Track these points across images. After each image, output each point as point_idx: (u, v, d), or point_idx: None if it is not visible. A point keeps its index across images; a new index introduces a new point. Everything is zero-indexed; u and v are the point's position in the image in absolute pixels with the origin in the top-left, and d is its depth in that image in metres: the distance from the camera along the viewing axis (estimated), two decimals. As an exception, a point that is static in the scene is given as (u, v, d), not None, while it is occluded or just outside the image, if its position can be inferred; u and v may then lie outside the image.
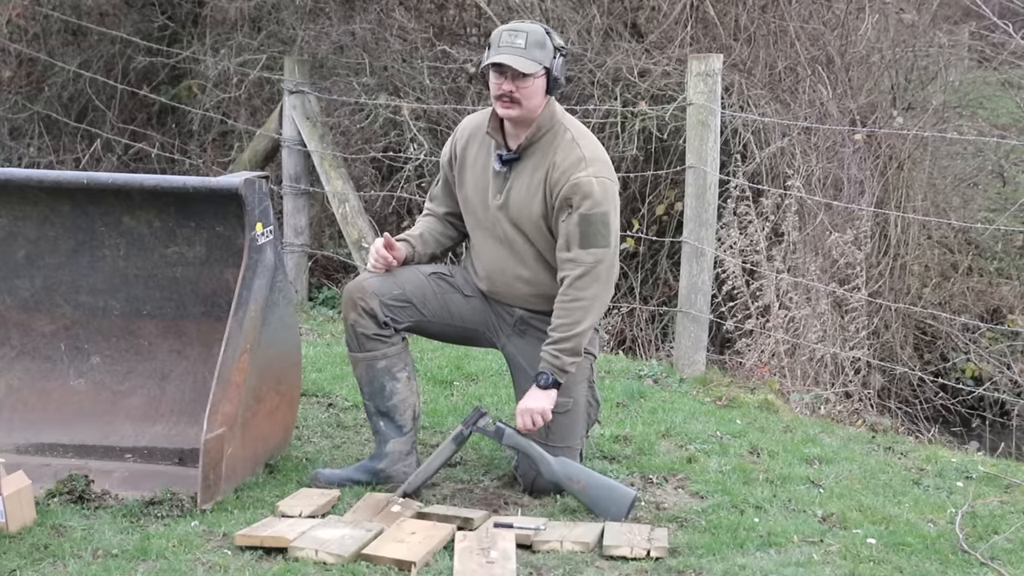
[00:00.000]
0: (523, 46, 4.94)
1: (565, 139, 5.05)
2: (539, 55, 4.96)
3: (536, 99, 5.02)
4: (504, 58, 4.95)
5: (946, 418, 8.61)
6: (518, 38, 4.95)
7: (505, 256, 5.16)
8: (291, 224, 9.24)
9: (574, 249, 4.98)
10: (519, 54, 4.94)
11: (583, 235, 4.97)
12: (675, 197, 8.61)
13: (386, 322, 5.13)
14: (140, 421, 5.44)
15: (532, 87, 4.98)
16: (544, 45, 4.97)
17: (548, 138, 5.07)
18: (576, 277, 4.98)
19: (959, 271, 9.54)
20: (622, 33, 9.24)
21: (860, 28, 9.28)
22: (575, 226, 4.97)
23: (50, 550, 4.41)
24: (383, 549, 4.46)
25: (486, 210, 5.17)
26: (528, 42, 4.95)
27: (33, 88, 11.48)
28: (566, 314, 5.00)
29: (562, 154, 5.02)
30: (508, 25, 5.04)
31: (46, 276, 5.48)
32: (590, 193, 4.96)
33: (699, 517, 4.95)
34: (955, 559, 4.64)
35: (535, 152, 5.07)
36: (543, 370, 5.02)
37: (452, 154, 5.31)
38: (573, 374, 5.15)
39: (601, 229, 4.98)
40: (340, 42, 9.79)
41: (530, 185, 5.06)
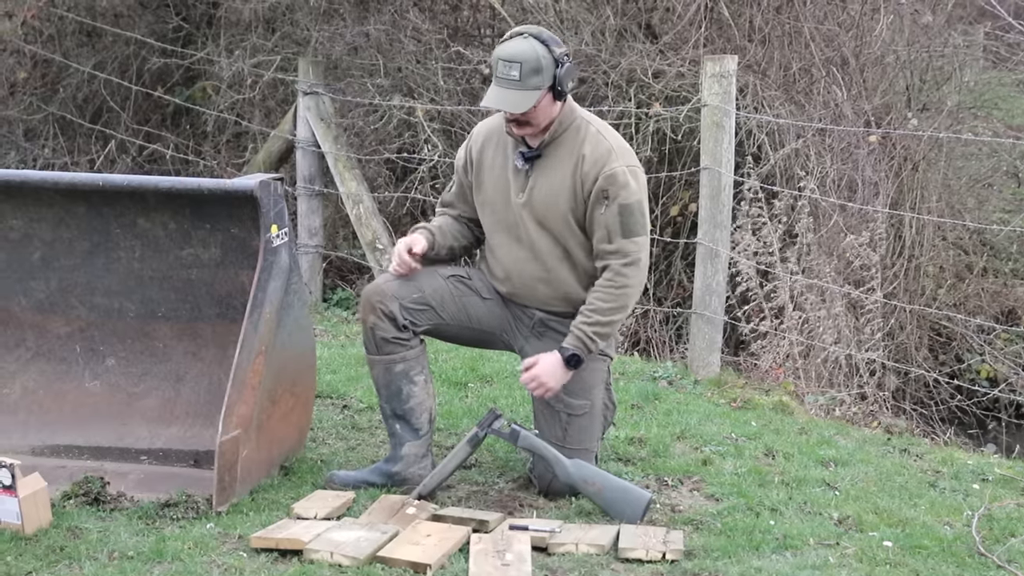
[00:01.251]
0: (518, 77, 4.88)
1: (590, 132, 5.06)
2: (536, 81, 4.90)
3: (545, 115, 5.01)
4: (495, 100, 4.93)
5: (961, 420, 8.59)
6: (512, 69, 4.88)
7: (526, 257, 5.15)
8: (305, 225, 9.24)
9: (617, 240, 4.99)
10: (514, 88, 4.89)
11: (624, 225, 4.98)
12: (689, 198, 8.60)
13: (405, 325, 5.12)
14: (155, 423, 5.45)
15: (537, 110, 4.96)
16: (540, 69, 4.89)
17: (571, 133, 5.06)
18: (623, 265, 5.00)
19: (974, 272, 9.52)
20: (636, 34, 9.23)
21: (875, 29, 9.26)
22: (615, 216, 4.98)
23: (66, 552, 4.42)
24: (398, 551, 4.46)
25: (508, 210, 5.15)
26: (523, 72, 4.88)
27: (48, 89, 11.50)
28: (611, 298, 5.00)
29: (590, 146, 5.02)
30: (504, 50, 4.94)
31: (61, 278, 5.49)
32: (626, 183, 4.98)
33: (715, 519, 4.94)
34: (972, 562, 4.63)
35: (558, 148, 5.06)
36: (571, 345, 5.00)
37: (468, 159, 5.28)
38: (591, 376, 5.17)
39: (640, 218, 5.01)
40: (354, 43, 9.80)
41: (555, 180, 5.05)
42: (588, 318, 5.00)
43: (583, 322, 5.00)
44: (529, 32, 4.97)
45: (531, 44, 4.92)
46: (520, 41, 4.95)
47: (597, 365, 5.23)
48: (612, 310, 5.01)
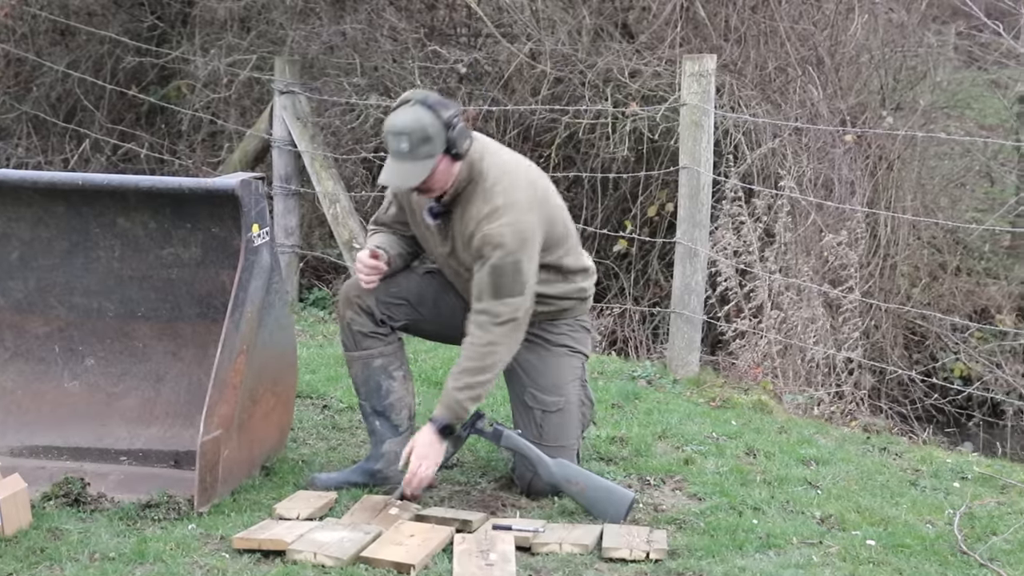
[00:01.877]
0: (407, 150, 4.80)
1: (482, 189, 4.94)
2: (427, 149, 4.80)
3: (444, 178, 4.91)
4: (389, 176, 4.86)
5: (937, 418, 8.63)
6: (402, 142, 4.80)
7: (463, 287, 5.13)
8: (281, 225, 9.21)
9: (486, 300, 4.90)
10: (405, 161, 4.81)
11: (494, 286, 4.88)
12: (666, 198, 8.62)
13: (382, 319, 5.13)
14: (135, 423, 5.42)
15: (434, 177, 4.88)
16: (429, 138, 4.80)
17: (470, 189, 4.96)
18: (492, 324, 4.89)
19: (948, 271, 9.57)
20: (613, 34, 9.24)
21: (850, 28, 9.30)
22: (487, 276, 4.88)
23: (46, 553, 4.39)
24: (382, 552, 4.45)
25: (435, 253, 5.16)
26: (412, 143, 4.79)
27: (21, 88, 11.43)
28: (478, 357, 4.90)
29: (476, 207, 4.93)
30: (392, 123, 4.83)
31: (40, 277, 5.46)
32: (501, 243, 4.86)
33: (698, 519, 4.94)
34: (954, 560, 4.64)
35: (460, 203, 4.98)
36: (442, 416, 4.91)
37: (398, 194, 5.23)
38: (563, 373, 5.18)
39: (512, 277, 4.89)
40: (330, 42, 9.77)
41: (464, 235, 4.99)
42: (457, 381, 4.90)
43: (453, 387, 4.90)
44: (415, 98, 4.86)
45: (417, 113, 4.82)
46: (407, 111, 4.85)
47: (568, 361, 5.24)
48: (480, 370, 4.90)
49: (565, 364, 5.23)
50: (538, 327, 5.15)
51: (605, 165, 8.75)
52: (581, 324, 5.29)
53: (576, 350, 5.27)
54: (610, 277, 9.00)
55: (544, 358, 5.19)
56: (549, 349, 5.21)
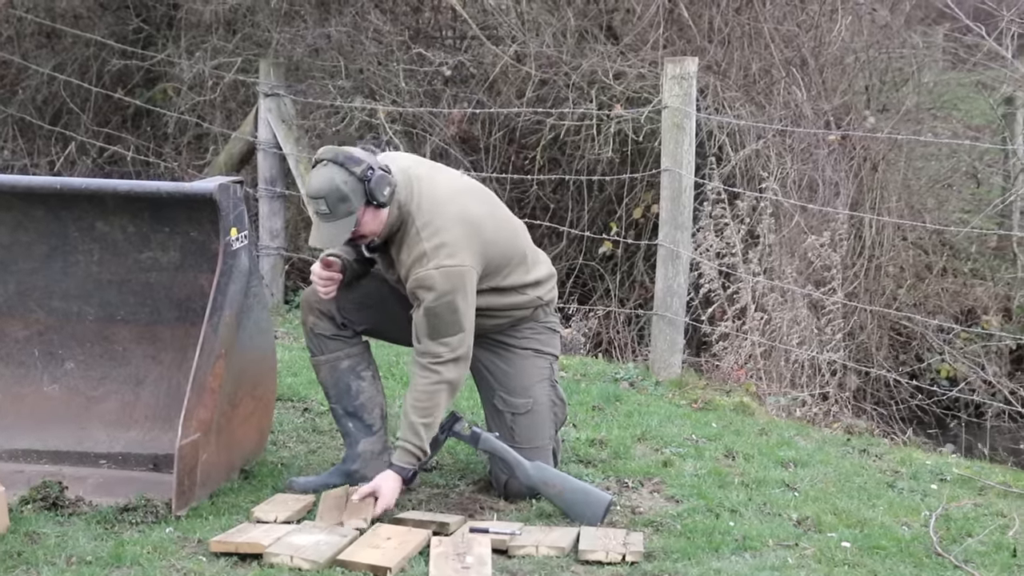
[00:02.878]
0: (327, 211, 4.81)
1: (411, 234, 4.94)
2: (345, 207, 4.80)
3: (373, 226, 4.91)
4: (317, 239, 4.88)
5: (921, 419, 8.64)
6: (320, 205, 4.81)
7: None
8: (267, 227, 9.22)
9: (424, 341, 4.91)
10: (327, 221, 4.83)
11: (431, 327, 4.89)
12: (651, 200, 8.61)
13: (344, 323, 5.16)
14: (114, 427, 5.42)
15: (361, 227, 4.88)
16: (345, 196, 4.78)
17: (400, 232, 4.96)
18: (435, 364, 4.90)
19: (934, 272, 9.57)
20: (597, 36, 9.24)
21: (834, 30, 9.30)
22: (422, 319, 4.90)
23: (24, 557, 4.39)
24: (358, 555, 4.46)
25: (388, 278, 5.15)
26: (329, 204, 4.79)
27: (7, 91, 11.44)
28: (427, 398, 4.90)
29: (406, 251, 4.94)
30: (310, 187, 4.85)
31: (19, 281, 5.46)
32: (432, 286, 4.87)
33: (674, 521, 4.95)
34: (929, 562, 4.65)
35: (394, 243, 4.99)
36: (403, 463, 4.89)
37: None
38: (530, 374, 5.21)
39: (448, 317, 4.90)
40: (315, 45, 9.78)
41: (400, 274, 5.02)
42: (411, 427, 4.90)
43: (406, 437, 4.90)
44: (327, 158, 4.86)
45: (330, 173, 4.81)
46: (320, 172, 4.84)
47: (535, 363, 5.26)
48: (429, 410, 4.91)
49: (531, 366, 5.25)
50: (502, 334, 5.17)
51: (590, 167, 8.75)
52: (546, 326, 5.30)
53: (543, 352, 5.28)
54: (595, 279, 9.01)
55: (510, 361, 5.22)
56: (515, 352, 5.23)
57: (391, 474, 4.89)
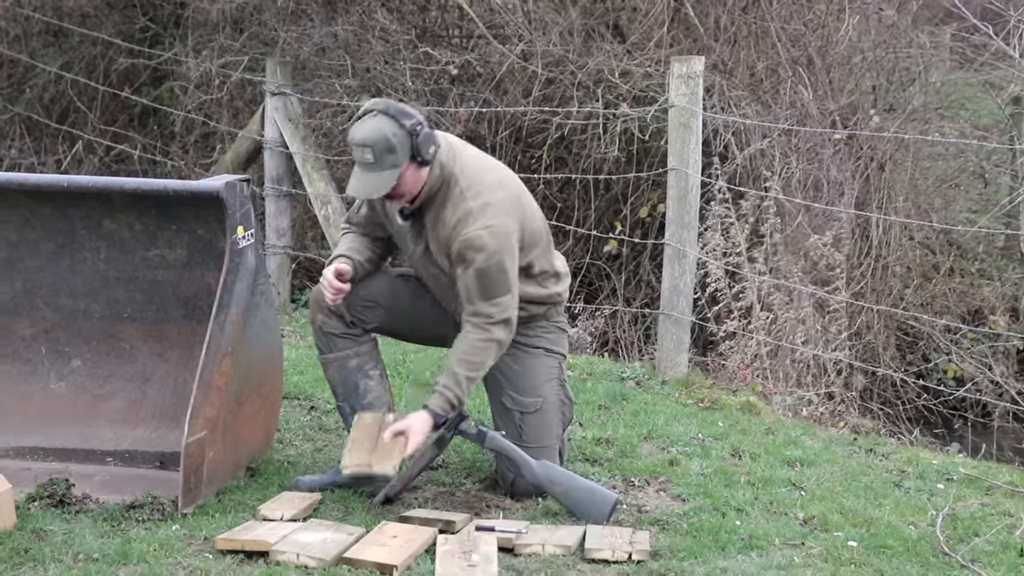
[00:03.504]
0: (372, 160, 4.79)
1: (454, 193, 4.95)
2: (392, 159, 4.80)
3: (413, 185, 4.91)
4: (357, 188, 4.88)
5: (928, 419, 8.63)
6: (366, 153, 4.79)
7: (446, 286, 5.12)
8: (273, 226, 9.22)
9: (476, 302, 4.92)
10: (371, 171, 4.81)
11: (482, 288, 4.91)
12: (657, 199, 8.62)
13: (353, 321, 5.15)
14: (121, 425, 5.43)
15: (402, 184, 4.88)
16: (393, 148, 4.78)
17: (441, 193, 4.96)
18: (488, 324, 4.92)
19: (941, 272, 9.56)
20: (604, 34, 9.24)
21: (841, 29, 9.29)
22: (473, 280, 4.90)
23: (30, 554, 4.40)
24: (364, 552, 4.46)
25: (410, 255, 5.15)
26: (376, 153, 4.78)
27: (14, 89, 11.45)
28: (475, 353, 4.92)
29: (450, 210, 4.94)
30: (356, 134, 4.83)
31: (26, 279, 5.47)
32: (482, 247, 4.88)
33: (681, 520, 4.95)
34: (936, 562, 4.65)
35: (432, 206, 4.98)
36: (438, 407, 4.91)
37: None
38: (540, 374, 5.21)
39: (498, 278, 4.92)
40: (322, 44, 9.77)
41: (438, 238, 5.01)
42: (454, 376, 4.92)
43: (447, 384, 4.92)
44: (378, 108, 4.85)
45: (380, 123, 4.81)
46: (369, 122, 4.84)
47: (544, 362, 5.26)
48: (477, 364, 4.94)
49: (541, 365, 5.24)
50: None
51: (596, 166, 8.75)
52: (556, 325, 5.31)
53: (552, 351, 5.28)
54: (601, 278, 9.01)
55: (520, 360, 5.21)
56: (525, 351, 5.22)
57: (424, 415, 4.90)
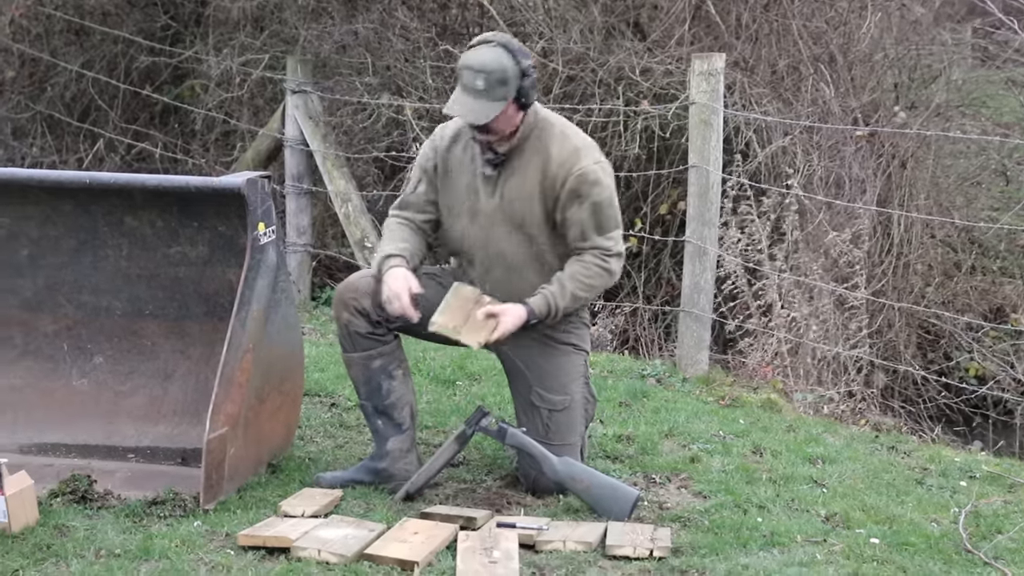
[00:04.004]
0: (483, 87, 4.86)
1: (555, 132, 5.05)
2: (501, 92, 4.87)
3: (508, 124, 4.98)
4: (458, 108, 4.93)
5: (949, 417, 8.60)
6: (478, 79, 4.86)
7: (496, 256, 5.12)
8: (294, 224, 9.23)
9: (592, 237, 5.02)
10: (479, 98, 4.87)
11: (598, 223, 5.01)
12: (678, 196, 8.60)
13: (379, 321, 5.12)
14: (143, 421, 5.44)
15: (499, 120, 4.93)
16: (506, 80, 4.87)
17: (535, 135, 5.04)
18: (606, 256, 5.03)
19: (962, 270, 9.53)
20: (624, 32, 9.24)
21: (863, 26, 9.27)
22: (589, 215, 4.99)
23: (53, 550, 4.41)
24: (386, 549, 4.46)
25: (475, 215, 5.13)
26: (489, 82, 4.85)
27: (36, 88, 11.49)
28: (589, 276, 5.02)
29: (556, 147, 5.02)
30: (471, 59, 4.92)
31: (48, 276, 5.49)
32: (597, 180, 4.99)
33: (702, 517, 4.94)
34: (959, 559, 4.63)
35: (524, 152, 5.04)
36: (537, 308, 4.97)
37: (435, 160, 5.23)
38: (569, 371, 5.19)
39: (611, 212, 5.05)
40: (343, 42, 9.79)
41: (524, 183, 5.03)
42: (561, 287, 5.00)
43: (552, 291, 4.99)
44: (497, 41, 4.94)
45: (498, 54, 4.89)
46: (487, 50, 4.92)
47: (573, 360, 5.25)
48: (585, 286, 5.03)
49: (570, 363, 5.24)
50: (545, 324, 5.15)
51: (617, 163, 8.71)
52: (583, 321, 5.32)
53: (580, 348, 5.28)
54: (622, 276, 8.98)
55: (550, 357, 5.20)
56: (556, 347, 5.21)
57: (520, 308, 4.96)
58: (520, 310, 4.96)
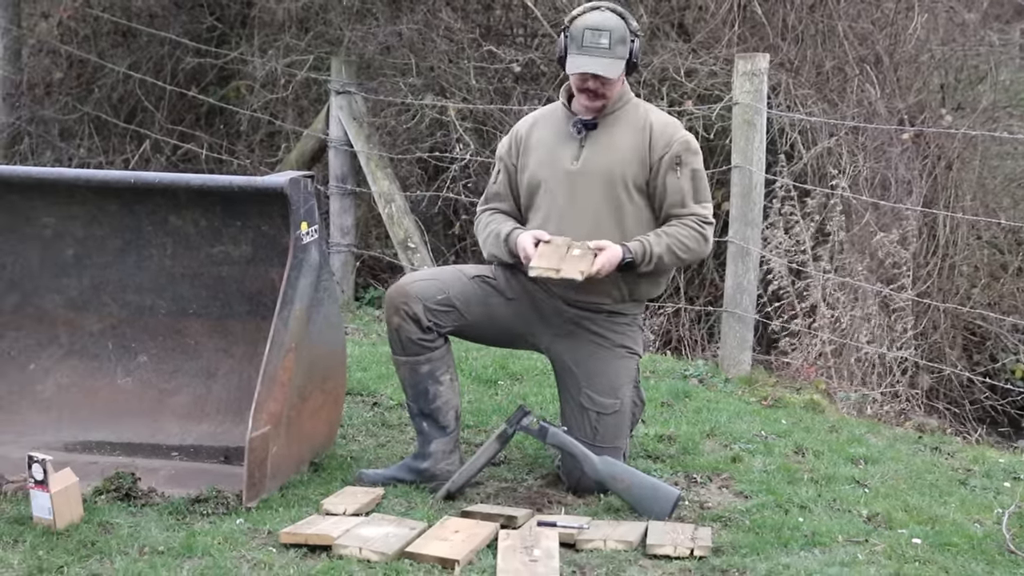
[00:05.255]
0: (607, 46, 5.01)
1: (649, 106, 5.26)
2: (622, 50, 5.05)
3: (618, 89, 5.14)
4: (592, 65, 5.02)
5: (995, 419, 8.55)
6: (602, 37, 5.00)
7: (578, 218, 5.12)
8: (337, 224, 9.26)
9: (690, 204, 5.12)
10: (604, 56, 5.02)
11: (696, 190, 5.15)
12: (722, 197, 8.57)
13: (429, 327, 5.11)
14: (186, 419, 5.48)
15: (616, 83, 5.09)
16: (625, 40, 5.05)
17: (630, 107, 5.19)
18: (704, 223, 5.13)
19: (1009, 272, 9.46)
20: (669, 33, 9.22)
21: (909, 27, 9.22)
22: (689, 182, 5.12)
23: (97, 547, 4.44)
24: (427, 547, 4.47)
25: (558, 181, 5.15)
26: (612, 40, 5.02)
27: (83, 89, 11.57)
28: (686, 237, 5.09)
29: (655, 116, 5.20)
30: (590, 19, 5.06)
31: (94, 275, 5.53)
32: (697, 150, 5.18)
33: (743, 516, 4.93)
34: (1002, 560, 4.60)
35: (616, 120, 5.16)
36: (634, 249, 5.01)
37: (514, 143, 5.31)
38: (621, 375, 5.18)
39: (705, 183, 5.20)
40: (387, 43, 9.80)
41: (616, 147, 5.11)
42: (659, 238, 5.06)
43: (650, 239, 5.05)
44: (606, 6, 5.12)
45: (616, 17, 5.07)
46: (605, 13, 5.08)
47: (626, 363, 5.24)
48: (684, 247, 5.09)
49: (622, 366, 5.23)
50: (599, 324, 5.17)
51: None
52: (638, 323, 5.32)
53: (633, 351, 5.28)
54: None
55: (603, 359, 5.19)
56: (610, 350, 5.20)
57: (617, 248, 5.00)
58: (617, 248, 5.01)
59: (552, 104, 5.39)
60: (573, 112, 5.20)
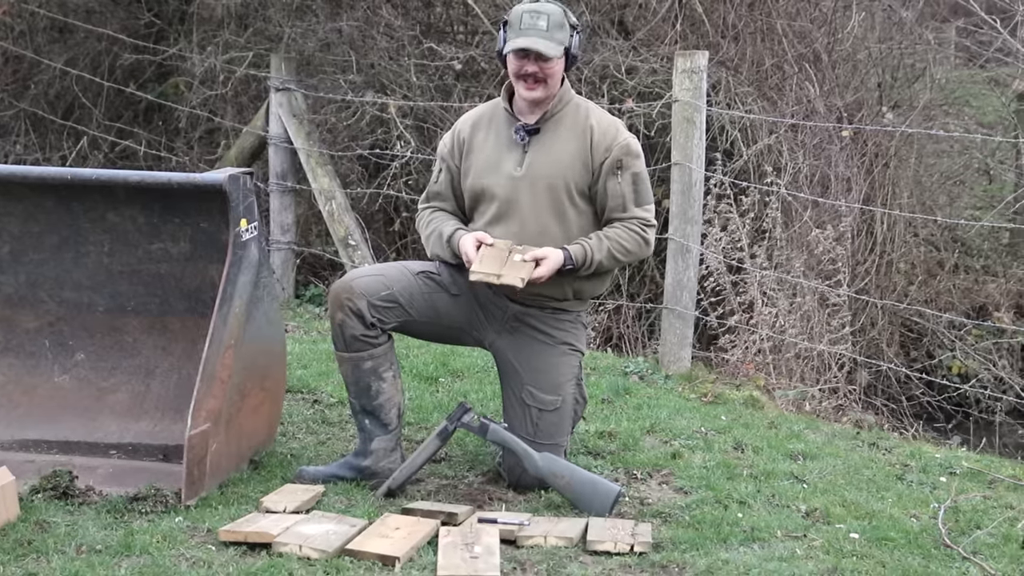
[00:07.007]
0: (545, 28, 5.01)
1: (591, 108, 5.22)
2: (560, 36, 5.05)
3: (558, 78, 5.12)
4: (529, 42, 5.01)
5: (931, 415, 8.63)
6: (540, 20, 5.01)
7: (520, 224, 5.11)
8: (278, 221, 9.23)
9: (631, 208, 5.11)
10: (543, 36, 5.02)
11: (637, 193, 5.13)
12: (662, 194, 8.60)
13: (373, 323, 5.10)
14: (125, 417, 5.43)
15: (555, 67, 5.07)
16: (563, 26, 5.05)
17: (571, 109, 5.16)
18: (645, 226, 5.13)
19: (945, 269, 9.56)
20: (609, 31, 9.25)
21: (847, 25, 9.30)
22: (630, 186, 5.11)
23: (34, 546, 4.40)
24: (367, 544, 4.46)
25: (501, 188, 5.14)
26: (550, 24, 5.02)
27: (19, 86, 11.47)
28: (627, 240, 5.10)
29: (596, 119, 5.16)
30: (528, 5, 5.07)
31: (30, 272, 5.48)
32: (638, 153, 5.15)
33: (683, 512, 4.95)
34: (937, 553, 4.65)
35: (558, 123, 5.14)
36: (575, 255, 5.02)
37: (455, 144, 5.29)
38: (563, 372, 5.19)
39: (647, 186, 5.18)
40: (327, 39, 9.78)
41: (558, 152, 5.10)
42: (600, 243, 5.07)
43: (590, 244, 5.05)
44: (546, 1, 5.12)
45: (554, 5, 5.09)
46: (542, 2, 5.09)
47: (568, 360, 5.25)
48: (624, 251, 5.10)
49: (565, 363, 5.24)
50: (543, 321, 5.18)
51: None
52: (581, 320, 5.33)
53: (576, 348, 5.28)
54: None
55: (546, 356, 5.20)
56: (552, 347, 5.21)
57: (559, 252, 5.01)
58: (558, 253, 5.01)
59: (493, 101, 5.35)
60: (516, 116, 5.19)
